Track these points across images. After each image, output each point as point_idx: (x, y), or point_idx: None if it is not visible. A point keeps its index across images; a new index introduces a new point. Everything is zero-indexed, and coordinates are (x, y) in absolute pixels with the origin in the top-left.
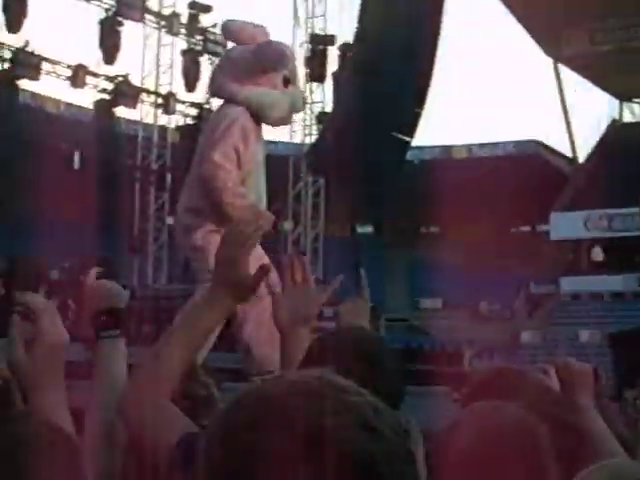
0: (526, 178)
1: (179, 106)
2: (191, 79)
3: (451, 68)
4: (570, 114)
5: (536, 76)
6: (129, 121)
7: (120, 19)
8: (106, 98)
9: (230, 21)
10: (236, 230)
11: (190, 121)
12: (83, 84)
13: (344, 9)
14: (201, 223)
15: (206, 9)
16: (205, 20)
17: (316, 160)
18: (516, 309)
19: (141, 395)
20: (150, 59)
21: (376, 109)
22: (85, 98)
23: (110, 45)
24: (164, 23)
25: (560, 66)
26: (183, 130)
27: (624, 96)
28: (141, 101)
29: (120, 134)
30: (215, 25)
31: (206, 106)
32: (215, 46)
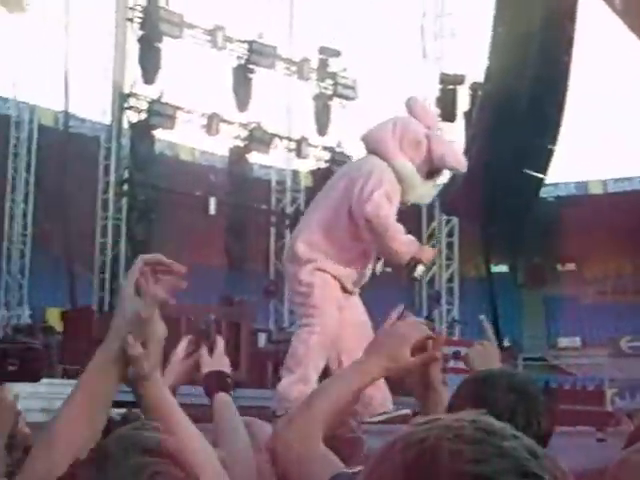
0: None
1: (311, 150)
2: (322, 123)
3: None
4: None
5: None
6: (262, 166)
7: (252, 67)
8: (240, 145)
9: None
10: (415, 320)
11: (322, 165)
12: (217, 132)
13: (474, 48)
14: (313, 257)
15: (336, 54)
16: (335, 64)
17: (449, 199)
18: None
19: (295, 435)
20: (281, 105)
21: (508, 147)
22: (219, 145)
23: (243, 93)
24: (295, 69)
25: None
26: (316, 174)
27: None
28: (274, 146)
29: (254, 179)
30: (345, 69)
31: (338, 149)
32: (345, 90)
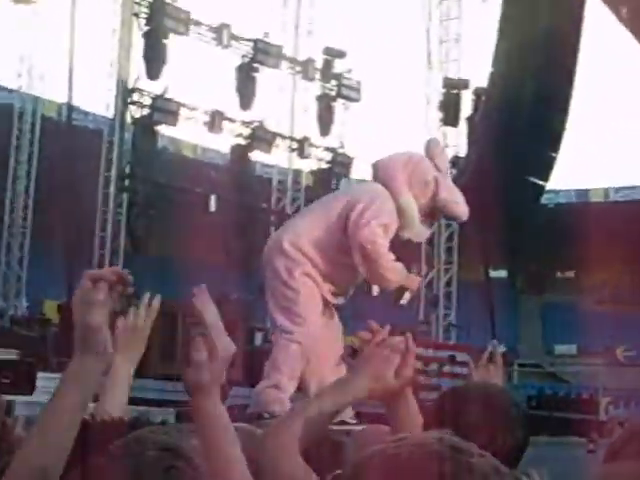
0: None
1: (313, 150)
2: (325, 124)
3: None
4: None
5: None
6: (264, 165)
7: (256, 65)
8: (242, 143)
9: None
10: (399, 340)
11: (324, 165)
12: (220, 129)
13: (478, 53)
14: (299, 259)
15: (340, 55)
16: (339, 65)
17: None
18: None
19: (276, 449)
20: (285, 104)
21: (510, 153)
22: (222, 143)
23: (246, 91)
24: (299, 69)
25: None
26: (317, 174)
27: None
28: (276, 145)
29: (255, 178)
30: (350, 70)
31: (340, 150)
32: (349, 91)
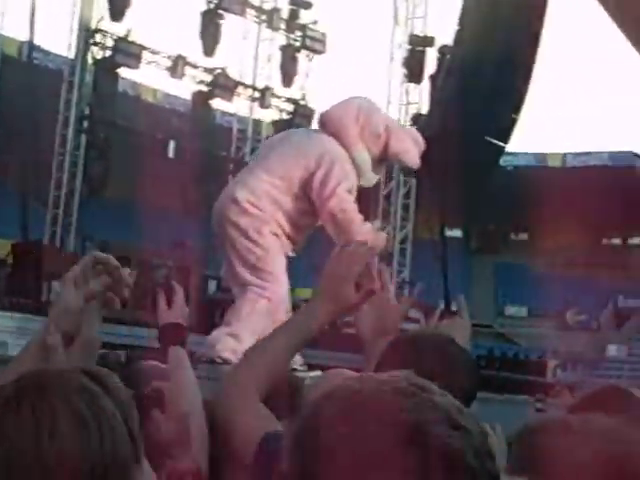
0: (620, 189)
1: (275, 101)
2: (288, 75)
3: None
4: None
5: (637, 86)
6: (225, 113)
7: (221, 12)
8: (204, 90)
9: None
10: (352, 250)
11: (285, 116)
12: (182, 75)
13: (444, 11)
14: (269, 220)
15: (307, 5)
16: (305, 16)
17: None
18: (603, 321)
19: (236, 388)
20: (248, 53)
21: (472, 113)
22: (183, 89)
23: (210, 37)
24: (264, 17)
25: None
26: (278, 125)
27: None
28: (237, 94)
29: (215, 126)
30: (315, 22)
31: (302, 102)
32: (313, 43)
